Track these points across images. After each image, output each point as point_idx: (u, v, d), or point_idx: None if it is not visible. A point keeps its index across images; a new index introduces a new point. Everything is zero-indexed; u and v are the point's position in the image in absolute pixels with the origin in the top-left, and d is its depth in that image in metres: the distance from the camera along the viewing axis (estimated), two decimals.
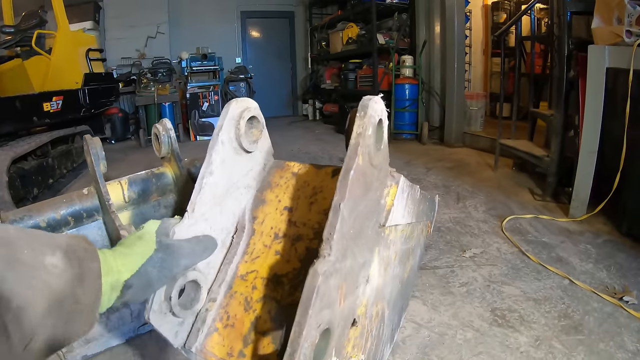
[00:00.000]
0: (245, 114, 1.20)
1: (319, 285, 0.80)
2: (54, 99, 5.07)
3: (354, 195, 0.91)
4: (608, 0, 3.23)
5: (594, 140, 3.25)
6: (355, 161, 0.89)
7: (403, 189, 1.21)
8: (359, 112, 0.94)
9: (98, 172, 1.74)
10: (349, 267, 0.95)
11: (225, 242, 1.27)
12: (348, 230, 0.91)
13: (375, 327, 1.29)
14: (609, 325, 2.08)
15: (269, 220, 1.28)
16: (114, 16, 10.18)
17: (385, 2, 7.91)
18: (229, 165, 1.23)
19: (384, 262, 1.25)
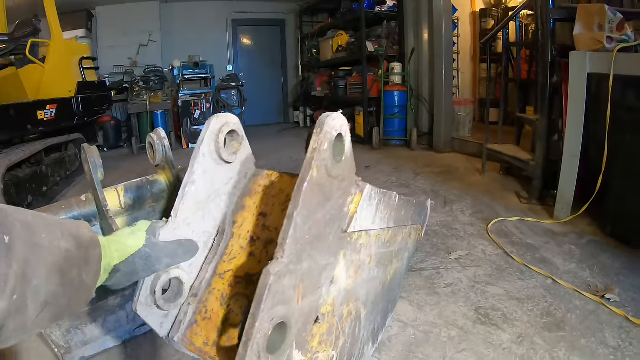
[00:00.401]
0: (225, 128, 1.33)
1: (271, 284, 0.90)
2: (48, 107, 5.09)
3: (308, 204, 1.01)
4: (589, 8, 3.32)
5: (577, 144, 3.33)
6: (309, 174, 0.99)
7: (370, 196, 1.31)
8: (316, 128, 1.04)
9: (96, 179, 1.83)
10: (307, 269, 1.06)
11: (208, 243, 1.39)
12: (303, 236, 1.01)
13: (348, 326, 1.40)
14: (591, 322, 2.15)
15: (247, 224, 1.41)
16: (106, 24, 10.24)
17: (374, 10, 7.97)
18: (210, 175, 1.36)
19: (354, 265, 1.36)
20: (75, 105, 5.73)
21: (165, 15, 10.77)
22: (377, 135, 7.44)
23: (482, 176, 5.08)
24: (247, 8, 11.59)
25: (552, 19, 3.75)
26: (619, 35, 3.10)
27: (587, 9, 3.32)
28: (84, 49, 6.54)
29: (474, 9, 9.22)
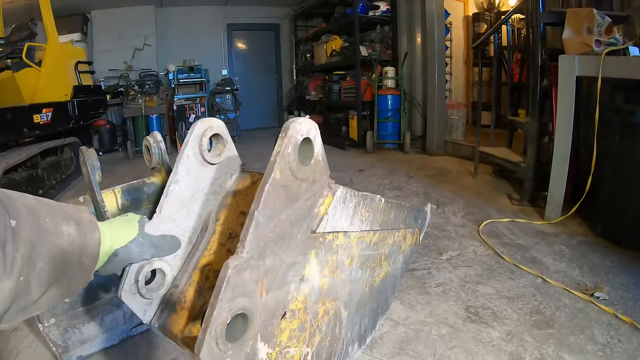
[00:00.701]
0: (208, 132, 1.44)
1: (229, 276, 0.97)
2: (44, 111, 5.10)
3: (271, 204, 1.09)
4: (578, 12, 3.37)
5: (566, 146, 3.39)
6: (272, 176, 1.07)
7: (345, 199, 1.38)
8: (281, 132, 1.10)
9: (94, 181, 1.88)
10: (270, 265, 1.13)
11: (192, 238, 1.49)
12: (266, 233, 1.09)
13: (325, 324, 1.46)
14: (579, 320, 2.18)
15: (227, 222, 1.50)
16: (101, 28, 10.24)
17: (367, 15, 8.02)
18: (194, 175, 1.47)
19: (329, 265, 1.41)
20: (71, 109, 5.75)
21: (161, 19, 10.78)
22: (371, 138, 7.48)
23: (475, 178, 5.13)
24: (241, 12, 11.62)
25: (542, 23, 3.80)
26: (607, 39, 3.15)
27: (576, 13, 3.38)
28: (79, 52, 6.55)
29: (466, 13, 9.33)
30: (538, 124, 3.92)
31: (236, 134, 9.73)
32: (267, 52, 12.41)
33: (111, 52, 10.10)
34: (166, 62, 9.92)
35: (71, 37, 8.74)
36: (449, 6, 7.66)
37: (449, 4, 7.98)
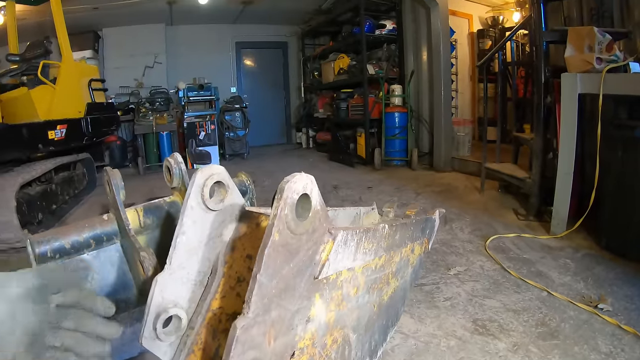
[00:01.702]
0: (209, 181, 1.48)
1: (238, 336, 1.06)
2: (59, 127, 5.20)
3: (273, 264, 1.15)
4: (579, 30, 3.45)
5: (570, 162, 3.45)
6: (271, 240, 1.12)
7: (345, 240, 1.43)
8: (277, 194, 1.13)
9: (119, 200, 2.01)
10: (276, 316, 1.21)
11: (203, 281, 1.55)
12: (270, 291, 1.16)
13: (334, 352, 1.53)
14: (584, 331, 2.23)
15: (235, 265, 1.56)
16: (112, 45, 10.42)
17: (374, 34, 8.14)
18: (200, 224, 1.51)
19: (335, 300, 1.49)
20: (84, 125, 5.84)
21: (171, 37, 10.97)
22: (379, 155, 7.52)
23: (481, 194, 5.18)
24: (250, 31, 11.78)
25: (544, 41, 3.88)
26: (608, 56, 3.22)
27: (578, 31, 3.45)
28: (93, 70, 6.64)
29: (471, 29, 9.40)
30: (542, 140, 3.98)
31: (245, 151, 9.82)
32: (275, 69, 12.54)
33: (122, 69, 10.26)
34: (176, 80, 10.04)
35: (83, 54, 8.95)
36: (454, 24, 7.75)
37: (454, 21, 8.08)
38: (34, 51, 5.83)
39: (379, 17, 8.35)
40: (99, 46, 10.28)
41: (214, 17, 10.57)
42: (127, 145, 9.58)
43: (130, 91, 10.17)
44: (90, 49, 9.75)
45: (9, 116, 4.57)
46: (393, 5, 8.23)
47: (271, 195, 1.76)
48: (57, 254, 2.17)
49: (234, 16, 10.74)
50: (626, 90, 3.06)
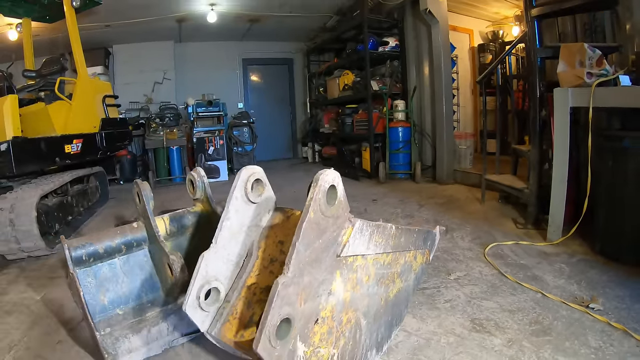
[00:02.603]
0: (251, 177, 1.86)
1: (279, 290, 1.34)
2: (75, 142, 5.36)
3: (307, 237, 1.45)
4: (571, 46, 3.60)
5: (564, 171, 3.61)
6: (307, 216, 1.44)
7: (362, 229, 1.72)
8: (313, 182, 1.48)
9: (149, 209, 2.34)
10: (307, 282, 1.49)
11: (239, 263, 1.90)
12: (304, 258, 1.45)
13: (348, 330, 1.78)
14: (575, 328, 2.39)
15: (268, 249, 1.92)
16: (122, 62, 10.66)
17: (377, 51, 8.29)
18: (241, 212, 1.88)
19: (351, 282, 1.75)
20: (99, 140, 6.00)
21: (179, 54, 11.19)
22: (383, 169, 7.63)
23: (482, 205, 5.32)
24: (256, 48, 11.98)
25: (539, 57, 4.05)
26: (599, 70, 3.37)
27: (569, 47, 3.60)
28: (107, 87, 6.80)
29: (472, 44, 9.55)
30: (539, 151, 4.13)
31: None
32: (281, 85, 12.70)
33: (132, 85, 10.46)
34: (184, 95, 10.20)
35: (94, 69, 9.12)
36: (454, 39, 7.88)
37: (455, 36, 8.24)
38: (50, 67, 6.03)
39: (382, 34, 8.51)
40: (109, 62, 10.51)
41: (221, 34, 10.78)
42: (137, 159, 9.74)
43: (140, 106, 10.38)
44: (101, 65, 9.98)
45: (28, 130, 4.69)
46: (395, 22, 8.39)
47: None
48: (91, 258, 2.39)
49: (241, 33, 10.94)
50: (614, 102, 3.22)
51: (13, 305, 3.14)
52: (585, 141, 3.44)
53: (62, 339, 2.59)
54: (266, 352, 1.32)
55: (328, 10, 9.23)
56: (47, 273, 3.83)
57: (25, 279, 3.70)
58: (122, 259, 2.52)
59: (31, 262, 4.14)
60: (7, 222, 3.87)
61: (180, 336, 2.42)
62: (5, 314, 3.00)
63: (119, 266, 2.51)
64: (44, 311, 3.02)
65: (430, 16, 6.85)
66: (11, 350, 2.47)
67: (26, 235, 3.92)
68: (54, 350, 2.46)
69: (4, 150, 4.23)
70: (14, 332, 2.71)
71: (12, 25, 7.78)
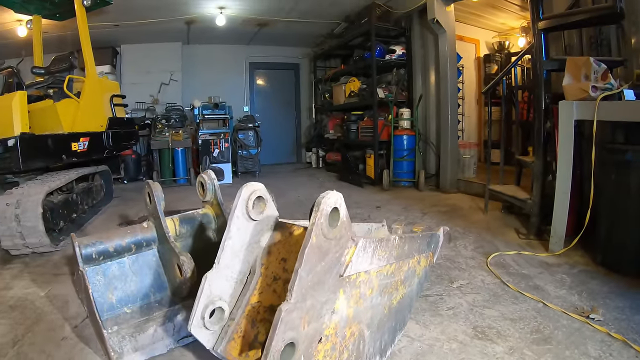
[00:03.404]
0: (252, 195, 1.87)
1: (282, 317, 1.38)
2: (81, 140, 5.41)
3: (310, 261, 1.47)
4: (576, 60, 3.64)
5: (567, 183, 3.64)
6: (309, 242, 1.45)
7: (365, 247, 1.74)
8: (315, 206, 1.49)
9: (160, 210, 2.39)
10: (310, 305, 1.52)
11: (242, 280, 1.93)
12: (306, 283, 1.47)
13: (352, 344, 1.82)
14: (575, 338, 2.42)
15: (271, 267, 1.94)
16: (130, 62, 10.75)
17: (384, 59, 8.34)
18: (243, 230, 1.90)
19: (354, 297, 1.78)
20: (105, 139, 6.06)
21: (187, 56, 11.25)
22: (387, 176, 7.66)
23: (485, 214, 5.35)
24: (263, 52, 12.05)
25: (545, 70, 4.09)
26: (603, 84, 3.41)
27: (575, 61, 3.63)
28: (115, 87, 6.86)
29: (478, 54, 9.61)
30: (542, 163, 4.17)
31: (257, 169, 9.97)
32: (287, 90, 12.76)
33: (138, 85, 10.51)
34: (190, 97, 10.33)
35: (101, 69, 9.10)
36: (461, 49, 7.94)
37: (461, 46, 8.30)
38: (59, 65, 6.09)
39: (389, 42, 8.55)
40: (116, 62, 10.60)
41: (229, 37, 10.85)
42: (141, 159, 9.80)
43: (146, 107, 10.44)
44: (108, 64, 10.06)
45: (35, 126, 4.73)
46: (403, 31, 8.43)
47: (283, 213, 2.17)
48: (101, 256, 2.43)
49: (248, 37, 11.00)
50: (618, 116, 3.26)
51: (17, 300, 3.17)
52: (588, 154, 3.47)
53: (66, 336, 2.61)
54: None
55: (336, 16, 9.27)
56: (52, 270, 3.85)
57: (29, 275, 3.73)
58: (131, 258, 2.56)
59: (35, 258, 4.16)
60: (12, 218, 3.90)
61: (186, 336, 2.45)
62: (10, 308, 3.03)
63: (128, 265, 2.54)
64: (49, 307, 3.04)
65: (438, 25, 6.91)
66: (15, 345, 2.49)
67: (31, 231, 3.95)
68: (59, 346, 2.48)
69: (12, 145, 4.26)
70: (18, 327, 2.73)
71: (21, 21, 7.86)
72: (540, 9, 4.13)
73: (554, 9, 4.64)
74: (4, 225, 3.91)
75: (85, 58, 5.95)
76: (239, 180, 9.27)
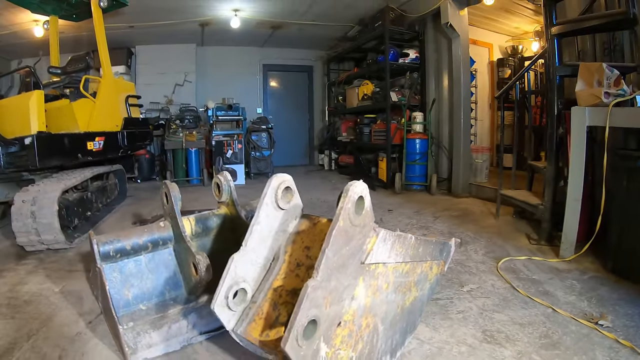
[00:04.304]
0: (282, 185, 1.97)
1: (308, 293, 1.44)
2: (97, 139, 5.48)
3: (336, 243, 1.55)
4: (589, 66, 3.64)
5: (578, 189, 3.64)
6: (337, 224, 1.54)
7: (385, 238, 1.82)
8: (344, 193, 1.59)
9: (177, 210, 2.45)
10: (333, 286, 1.58)
11: (266, 266, 2.00)
12: (332, 264, 1.54)
13: (367, 335, 1.87)
14: (583, 343, 2.42)
15: (295, 254, 2.01)
16: (144, 62, 10.85)
17: (398, 62, 8.37)
18: (271, 218, 1.98)
19: (372, 288, 1.84)
20: (120, 139, 6.12)
21: (201, 57, 11.32)
22: (399, 180, 7.66)
23: (496, 219, 5.35)
24: (277, 54, 12.10)
25: (558, 75, 4.08)
26: (616, 90, 3.40)
27: (588, 67, 3.64)
28: (130, 87, 6.93)
29: (491, 58, 9.61)
30: (554, 168, 4.16)
31: (269, 171, 9.99)
32: (300, 92, 12.80)
33: (153, 86, 10.56)
34: (204, 98, 10.42)
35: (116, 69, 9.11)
36: (474, 52, 7.94)
37: (475, 50, 8.30)
38: (75, 65, 6.17)
39: (403, 46, 8.59)
40: (131, 62, 10.72)
41: (243, 39, 10.90)
42: (155, 159, 9.88)
43: (160, 107, 10.52)
44: (123, 64, 10.17)
45: (51, 125, 4.79)
46: (416, 35, 8.45)
47: None
48: (118, 254, 2.48)
49: (262, 39, 11.06)
50: (631, 123, 3.25)
51: (32, 296, 3.22)
52: (600, 160, 3.47)
53: (80, 331, 2.65)
54: (293, 350, 1.41)
55: (350, 20, 9.30)
56: (66, 266, 3.91)
57: (44, 271, 3.78)
58: (147, 256, 2.61)
59: (50, 255, 4.23)
60: (28, 214, 3.96)
61: (199, 334, 2.49)
62: (25, 303, 3.08)
63: (144, 263, 2.59)
64: (63, 303, 3.09)
65: (451, 29, 6.91)
66: (30, 339, 2.54)
67: (47, 228, 4.02)
68: (73, 341, 2.52)
69: (29, 144, 4.33)
70: (32, 321, 2.78)
71: (38, 21, 7.97)
72: (553, 14, 4.14)
73: (567, 14, 4.63)
74: (20, 221, 3.97)
75: (101, 58, 6.03)
76: (251, 182, 9.35)
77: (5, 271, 3.78)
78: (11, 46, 9.46)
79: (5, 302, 3.11)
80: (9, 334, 2.61)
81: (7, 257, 4.17)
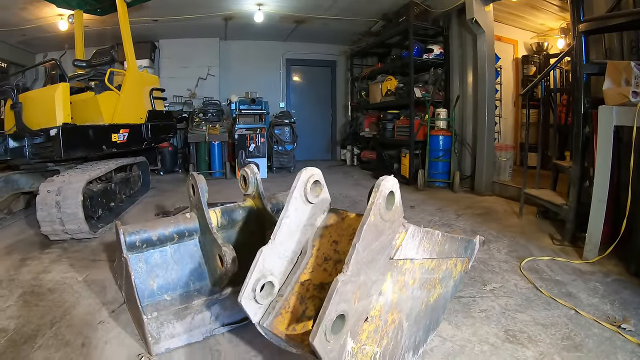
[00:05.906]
0: (311, 179, 1.97)
1: (338, 287, 1.45)
2: (121, 131, 5.58)
3: (366, 238, 1.55)
4: (617, 64, 3.59)
5: (604, 190, 3.59)
6: (368, 219, 1.54)
7: (414, 234, 1.82)
8: (375, 187, 1.59)
9: (203, 201, 2.49)
10: (362, 281, 1.59)
11: (293, 259, 1.99)
12: (362, 259, 1.55)
13: (391, 331, 1.88)
14: (606, 347, 2.41)
15: (322, 248, 2.01)
16: (168, 56, 10.98)
17: (422, 58, 8.33)
18: (300, 211, 1.99)
19: (399, 284, 1.85)
20: (144, 131, 6.23)
21: (224, 51, 11.41)
22: (422, 176, 7.63)
23: (520, 219, 5.30)
24: (300, 48, 12.14)
25: (585, 74, 4.03)
26: None
27: (616, 65, 3.59)
28: (154, 80, 7.03)
29: (516, 55, 9.49)
30: (580, 168, 4.11)
31: (292, 165, 10.06)
32: (323, 87, 12.81)
33: (176, 79, 10.68)
34: (227, 92, 10.47)
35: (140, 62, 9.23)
36: (499, 49, 7.84)
37: (499, 46, 8.19)
38: (100, 58, 6.24)
39: (427, 41, 8.53)
40: (155, 56, 10.83)
41: (266, 34, 10.93)
42: (178, 151, 10.00)
43: (183, 100, 10.63)
44: (147, 58, 10.30)
45: (77, 117, 4.89)
46: (441, 30, 8.41)
47: None
48: (144, 244, 2.52)
49: (285, 34, 11.08)
50: None
51: (55, 284, 3.29)
52: (627, 160, 3.43)
53: (103, 320, 2.70)
54: (321, 345, 1.42)
55: (374, 14, 9.28)
56: (89, 255, 3.99)
57: (67, 260, 3.86)
58: (173, 247, 2.65)
59: (73, 244, 4.31)
60: (53, 204, 4.04)
61: (221, 326, 2.52)
62: (48, 291, 3.15)
63: (169, 254, 2.64)
64: (86, 292, 3.15)
65: (476, 25, 6.85)
66: (53, 327, 2.60)
67: (71, 218, 4.10)
68: (96, 330, 2.58)
69: (54, 135, 4.43)
70: (56, 309, 2.85)
71: (63, 15, 8.10)
72: (580, 10, 4.09)
73: (594, 11, 4.56)
74: (44, 211, 4.05)
75: (126, 52, 6.13)
76: (274, 175, 9.40)
77: (29, 259, 3.86)
78: (37, 39, 9.63)
79: (30, 289, 3.18)
80: (33, 321, 2.67)
81: (32, 246, 4.26)
